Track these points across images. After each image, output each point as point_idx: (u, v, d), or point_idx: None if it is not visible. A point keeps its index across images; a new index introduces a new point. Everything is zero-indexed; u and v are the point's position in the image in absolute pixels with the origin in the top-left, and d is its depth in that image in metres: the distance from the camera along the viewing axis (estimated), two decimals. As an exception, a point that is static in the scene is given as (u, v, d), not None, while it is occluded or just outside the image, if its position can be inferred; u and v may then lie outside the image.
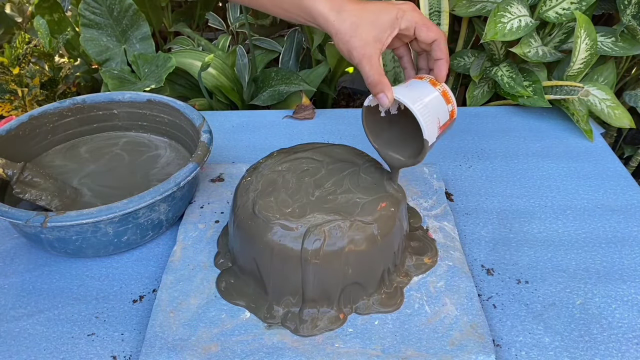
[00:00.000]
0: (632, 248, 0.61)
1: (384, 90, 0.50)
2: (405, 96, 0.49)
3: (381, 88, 0.50)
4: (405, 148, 0.55)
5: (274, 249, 0.51)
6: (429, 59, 0.55)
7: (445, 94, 0.52)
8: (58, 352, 0.51)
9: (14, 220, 0.53)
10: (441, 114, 0.52)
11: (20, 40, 1.01)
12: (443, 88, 0.53)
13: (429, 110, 0.50)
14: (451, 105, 0.53)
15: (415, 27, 0.51)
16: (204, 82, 1.00)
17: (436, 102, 0.51)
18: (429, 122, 0.49)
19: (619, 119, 0.81)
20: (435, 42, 0.52)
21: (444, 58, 0.53)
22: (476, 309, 0.52)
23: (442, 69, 0.53)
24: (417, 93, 0.51)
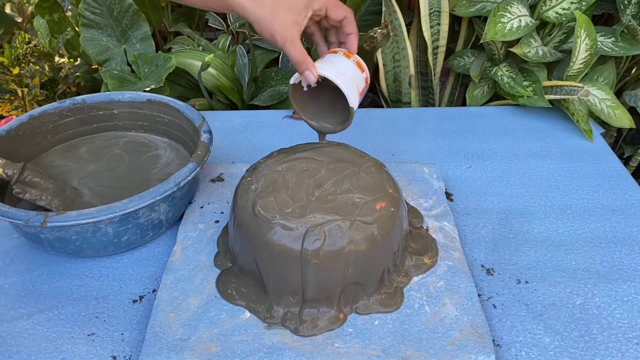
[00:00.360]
0: (632, 248, 0.61)
1: (309, 68, 0.54)
2: (328, 71, 0.54)
3: (306, 66, 0.54)
4: (331, 116, 0.60)
5: (274, 249, 0.51)
6: (338, 34, 0.60)
7: (360, 64, 0.58)
8: (58, 352, 0.51)
9: (14, 220, 0.53)
10: (359, 82, 0.57)
11: (20, 40, 1.01)
12: (357, 59, 0.58)
13: (350, 81, 0.55)
14: (365, 73, 0.59)
15: (327, 6, 0.56)
16: (204, 82, 1.00)
17: (354, 73, 0.57)
18: (352, 91, 0.55)
19: (619, 119, 0.81)
20: (345, 19, 0.57)
21: (354, 32, 0.58)
22: (476, 309, 0.52)
23: (354, 42, 0.58)
24: (336, 67, 0.56)
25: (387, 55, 1.03)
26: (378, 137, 0.83)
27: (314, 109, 0.61)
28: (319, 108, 0.60)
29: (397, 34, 0.98)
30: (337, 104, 0.58)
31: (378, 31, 0.92)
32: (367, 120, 0.87)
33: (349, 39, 0.58)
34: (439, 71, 1.04)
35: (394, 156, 0.78)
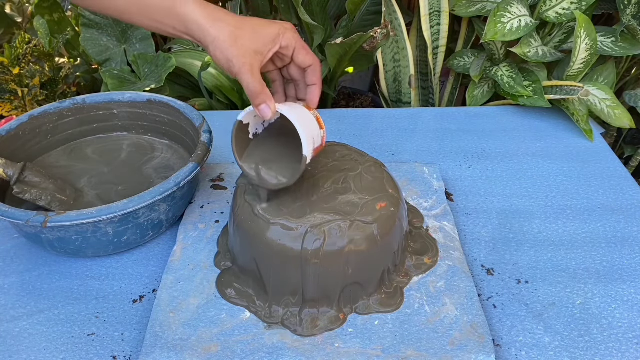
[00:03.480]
0: (632, 248, 0.61)
1: (266, 101, 0.48)
2: (287, 110, 0.48)
3: (263, 98, 0.48)
4: (277, 169, 0.52)
5: (274, 249, 0.51)
6: (298, 90, 0.54)
7: (319, 120, 0.52)
8: (58, 352, 0.51)
9: (14, 220, 0.53)
10: (315, 136, 0.51)
11: (20, 40, 1.01)
12: (316, 114, 0.52)
13: (307, 128, 0.49)
14: (323, 131, 0.52)
15: (295, 47, 0.50)
16: (204, 82, 1.00)
17: (312, 124, 0.51)
18: (308, 139, 0.48)
19: (619, 119, 0.81)
20: (311, 67, 0.51)
21: (318, 84, 0.52)
22: (476, 309, 0.52)
23: (316, 94, 0.52)
24: (296, 111, 0.49)
25: (387, 55, 1.03)
26: (378, 137, 0.83)
27: (258, 158, 0.53)
28: (264, 158, 0.53)
29: (397, 34, 0.98)
30: (287, 157, 0.51)
31: (378, 31, 0.92)
32: (367, 120, 0.87)
33: (311, 90, 0.52)
34: (439, 71, 1.04)
35: (394, 156, 0.78)
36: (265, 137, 0.53)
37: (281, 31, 0.49)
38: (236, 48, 0.47)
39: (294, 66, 0.52)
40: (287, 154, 0.51)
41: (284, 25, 0.50)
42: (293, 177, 0.50)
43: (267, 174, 0.52)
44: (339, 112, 0.90)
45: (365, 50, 0.95)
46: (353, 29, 1.11)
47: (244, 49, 0.47)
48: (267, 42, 0.49)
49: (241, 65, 0.47)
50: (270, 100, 0.48)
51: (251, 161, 0.53)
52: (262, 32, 0.48)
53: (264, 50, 0.48)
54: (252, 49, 0.48)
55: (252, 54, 0.48)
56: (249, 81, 0.47)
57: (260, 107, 0.48)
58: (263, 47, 0.48)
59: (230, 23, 0.48)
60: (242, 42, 0.47)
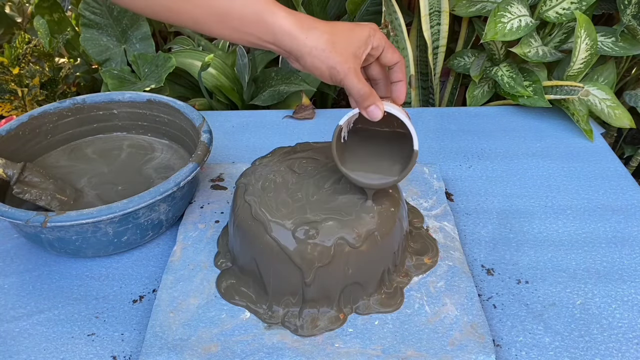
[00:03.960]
0: (632, 248, 0.61)
1: (375, 102, 0.49)
2: (393, 109, 0.49)
3: (373, 100, 0.48)
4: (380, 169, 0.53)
5: (274, 249, 0.51)
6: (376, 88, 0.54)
7: (408, 116, 0.52)
8: (58, 352, 0.51)
9: (14, 220, 0.53)
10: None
11: (20, 40, 1.01)
12: (405, 110, 0.53)
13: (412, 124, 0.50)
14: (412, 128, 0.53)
15: (385, 46, 0.51)
16: (204, 82, 1.00)
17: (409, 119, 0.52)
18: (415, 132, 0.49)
19: (619, 119, 0.81)
20: (397, 65, 0.52)
21: (404, 80, 0.53)
22: (476, 309, 0.52)
23: (403, 91, 0.53)
24: (393, 108, 0.50)
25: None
26: (378, 137, 0.83)
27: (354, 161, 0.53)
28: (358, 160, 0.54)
29: (397, 34, 0.98)
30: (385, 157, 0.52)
31: (378, 31, 0.91)
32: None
33: (397, 86, 0.53)
34: (439, 71, 1.04)
35: (394, 156, 0.78)
36: (355, 140, 0.54)
37: (371, 32, 0.49)
38: (337, 54, 0.47)
39: (376, 65, 0.53)
40: (384, 152, 0.52)
41: (371, 27, 0.50)
42: (402, 174, 0.51)
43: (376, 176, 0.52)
44: (339, 112, 0.90)
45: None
46: (353, 29, 1.11)
47: (345, 55, 0.47)
48: (361, 44, 0.49)
49: (346, 70, 0.47)
50: (379, 101, 0.49)
51: (354, 165, 0.53)
52: (354, 36, 0.48)
53: (359, 52, 0.49)
54: (351, 53, 0.48)
55: (352, 57, 0.48)
56: (356, 85, 0.48)
57: (369, 108, 0.49)
58: (358, 49, 0.48)
59: (324, 30, 0.47)
60: (341, 48, 0.47)
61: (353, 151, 0.54)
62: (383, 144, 0.53)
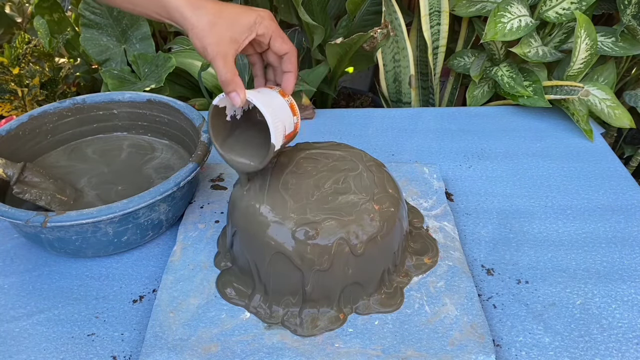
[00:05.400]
0: (632, 248, 0.61)
1: (236, 89, 0.50)
2: (257, 98, 0.50)
3: (234, 87, 0.50)
4: (249, 153, 0.54)
5: (274, 249, 0.51)
6: (276, 74, 0.56)
7: (293, 106, 0.54)
8: (58, 352, 0.51)
9: (14, 220, 0.53)
10: (287, 123, 0.52)
11: (20, 40, 1.01)
12: (291, 100, 0.54)
13: (278, 116, 0.51)
14: (296, 118, 0.54)
15: (272, 36, 0.52)
16: (204, 82, 1.00)
17: (284, 111, 0.52)
18: (277, 128, 0.50)
19: (619, 119, 0.81)
20: (286, 55, 0.53)
21: (293, 71, 0.54)
22: (476, 309, 0.52)
23: (291, 81, 0.54)
24: (267, 98, 0.51)
25: (387, 55, 1.03)
26: (378, 137, 0.83)
27: (235, 141, 0.55)
28: (241, 142, 0.56)
29: (397, 34, 0.98)
30: (259, 142, 0.54)
31: (378, 31, 0.92)
32: (367, 120, 0.87)
33: (286, 77, 0.54)
34: (439, 71, 1.04)
35: (394, 156, 0.78)
36: (243, 121, 0.55)
37: (258, 20, 0.51)
38: (212, 36, 0.49)
39: (271, 52, 0.54)
40: (261, 138, 0.53)
41: (260, 14, 0.51)
42: (261, 163, 0.52)
43: (240, 158, 0.54)
44: (339, 112, 0.90)
45: (365, 50, 0.95)
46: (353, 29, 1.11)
47: (219, 38, 0.49)
48: (244, 31, 0.50)
49: (215, 53, 0.49)
50: (240, 88, 0.50)
51: (227, 145, 0.55)
52: (239, 21, 0.50)
53: (239, 38, 0.50)
54: (228, 37, 0.49)
55: (228, 42, 0.49)
56: (221, 70, 0.50)
57: (231, 94, 0.50)
58: (239, 35, 0.50)
59: (210, 11, 0.49)
60: (219, 30, 0.49)
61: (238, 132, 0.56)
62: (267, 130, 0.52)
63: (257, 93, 0.52)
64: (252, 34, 0.51)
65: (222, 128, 0.54)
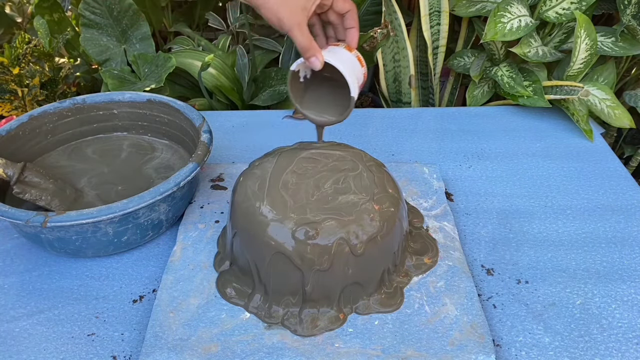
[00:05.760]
0: (632, 248, 0.61)
1: (315, 54, 0.55)
2: (333, 58, 0.55)
3: (313, 52, 0.54)
4: (328, 108, 0.60)
5: (273, 249, 0.51)
6: (337, 31, 0.61)
7: (360, 59, 0.59)
8: (58, 352, 0.51)
9: (14, 220, 0.53)
10: (359, 75, 0.58)
11: (20, 40, 1.01)
12: (357, 53, 0.59)
13: (352, 70, 0.56)
14: (364, 68, 0.59)
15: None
16: (204, 82, 1.00)
17: (355, 65, 0.57)
18: (353, 80, 0.55)
19: (619, 119, 0.81)
20: (349, 12, 0.58)
21: (356, 26, 0.59)
22: (476, 309, 0.52)
23: (355, 36, 0.59)
24: (339, 56, 0.56)
25: (387, 55, 1.03)
26: (378, 137, 0.83)
27: (311, 100, 0.61)
28: (315, 99, 0.61)
29: (397, 34, 0.98)
30: (335, 96, 0.59)
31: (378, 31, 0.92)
32: (367, 120, 0.87)
33: (350, 32, 0.59)
34: (439, 71, 1.04)
35: (394, 156, 0.78)
36: (314, 79, 0.60)
37: None
38: (284, 9, 0.53)
39: (332, 12, 0.59)
40: (336, 93, 0.58)
41: None
42: (342, 116, 0.59)
43: (322, 115, 0.60)
44: (339, 112, 0.90)
45: (365, 50, 0.95)
46: (353, 29, 1.11)
47: (291, 8, 0.53)
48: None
49: (291, 24, 0.53)
50: (319, 52, 0.55)
51: (305, 104, 0.61)
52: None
53: (307, 4, 0.54)
54: (299, 7, 0.54)
55: (299, 10, 0.54)
56: (299, 38, 0.54)
57: (310, 59, 0.55)
58: (307, 2, 0.54)
59: None
60: (289, 2, 0.53)
61: (313, 90, 0.61)
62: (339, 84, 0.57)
63: (329, 53, 0.57)
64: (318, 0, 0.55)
65: (297, 89, 0.60)
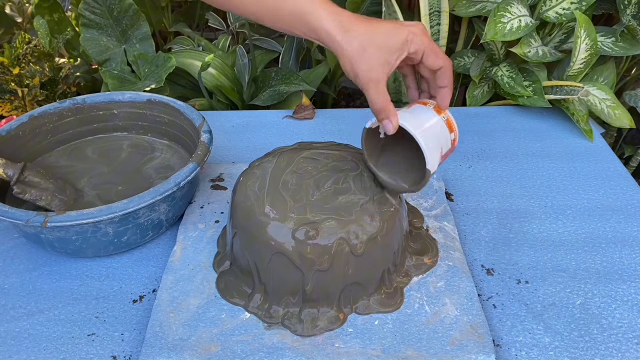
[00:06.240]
0: (632, 248, 0.61)
1: (389, 117, 0.49)
2: (410, 123, 0.49)
3: (386, 114, 0.49)
4: (404, 173, 0.54)
5: (273, 249, 0.51)
6: (430, 85, 0.54)
7: (449, 123, 0.52)
8: (58, 352, 0.51)
9: (14, 220, 0.53)
10: (444, 143, 0.51)
11: (20, 40, 1.01)
12: (447, 116, 0.52)
13: (433, 139, 0.49)
14: (454, 134, 0.52)
15: (424, 52, 0.50)
16: (204, 82, 1.00)
17: (440, 131, 0.51)
18: (433, 151, 0.49)
19: (619, 119, 0.81)
20: (441, 70, 0.51)
21: (449, 86, 0.51)
22: (476, 309, 0.52)
23: (446, 97, 0.52)
24: (421, 120, 0.50)
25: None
26: (378, 137, 0.83)
27: (387, 160, 0.55)
28: (392, 161, 0.55)
29: (397, 34, 0.98)
30: (414, 160, 0.51)
31: (378, 31, 0.91)
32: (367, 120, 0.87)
33: (442, 92, 0.52)
34: (439, 71, 1.03)
35: (394, 156, 0.78)
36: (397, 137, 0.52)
37: (409, 37, 0.48)
38: (363, 62, 0.48)
39: (424, 66, 0.52)
40: (416, 155, 0.50)
41: (412, 30, 0.49)
42: (416, 186, 0.52)
43: (396, 180, 0.54)
44: (339, 112, 0.90)
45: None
46: (353, 29, 1.11)
47: (370, 63, 0.48)
48: (395, 51, 0.48)
49: (367, 81, 0.48)
50: (393, 116, 0.49)
51: (381, 164, 0.55)
52: (390, 41, 0.48)
53: (391, 59, 0.48)
54: (379, 62, 0.48)
55: (379, 66, 0.48)
56: (373, 97, 0.49)
57: (384, 122, 0.50)
58: (389, 56, 0.48)
59: (360, 33, 0.48)
60: (369, 55, 0.47)
61: (391, 150, 0.55)
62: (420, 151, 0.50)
63: (410, 114, 0.50)
64: (404, 54, 0.49)
65: (375, 146, 0.54)
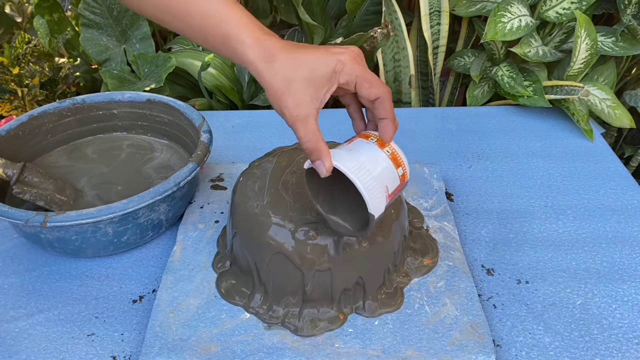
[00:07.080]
0: (632, 248, 0.61)
1: (320, 158, 0.44)
2: (347, 164, 0.43)
3: (317, 155, 0.44)
4: (351, 215, 0.48)
5: (273, 249, 0.51)
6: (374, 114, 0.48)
7: (395, 157, 0.46)
8: (58, 352, 0.51)
9: (14, 220, 0.53)
10: (389, 181, 0.45)
11: (20, 40, 1.01)
12: (392, 149, 0.46)
13: (375, 179, 0.44)
14: (401, 169, 0.47)
15: (356, 82, 0.44)
16: (204, 82, 1.00)
17: (383, 168, 0.45)
18: (375, 193, 0.44)
19: (619, 118, 0.81)
20: (378, 100, 0.45)
21: (389, 117, 0.46)
22: (476, 309, 0.52)
23: (388, 130, 0.46)
24: (360, 160, 0.44)
25: (387, 55, 1.03)
26: (378, 137, 0.83)
27: (332, 201, 0.49)
28: (339, 201, 0.49)
29: (397, 34, 0.98)
30: (360, 204, 0.45)
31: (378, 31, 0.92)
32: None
33: (382, 124, 0.46)
34: (439, 71, 1.04)
35: (394, 156, 0.78)
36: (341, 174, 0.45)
37: (338, 67, 0.43)
38: (289, 97, 0.43)
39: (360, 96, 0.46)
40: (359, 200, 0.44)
41: (341, 59, 0.44)
42: (362, 233, 0.47)
43: (342, 221, 0.49)
44: (339, 112, 0.90)
45: (365, 50, 0.96)
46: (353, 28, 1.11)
47: (298, 98, 0.43)
48: (322, 84, 0.43)
49: (294, 119, 0.43)
50: (325, 157, 0.44)
51: (327, 204, 0.49)
52: (317, 73, 0.43)
53: (319, 94, 0.44)
54: (307, 96, 0.43)
55: (307, 102, 0.43)
56: (302, 136, 0.44)
57: (315, 163, 0.44)
58: (318, 91, 0.43)
59: (285, 65, 0.43)
60: (296, 89, 0.43)
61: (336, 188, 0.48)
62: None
63: (347, 152, 0.45)
64: (334, 86, 0.44)
65: (319, 184, 0.48)
